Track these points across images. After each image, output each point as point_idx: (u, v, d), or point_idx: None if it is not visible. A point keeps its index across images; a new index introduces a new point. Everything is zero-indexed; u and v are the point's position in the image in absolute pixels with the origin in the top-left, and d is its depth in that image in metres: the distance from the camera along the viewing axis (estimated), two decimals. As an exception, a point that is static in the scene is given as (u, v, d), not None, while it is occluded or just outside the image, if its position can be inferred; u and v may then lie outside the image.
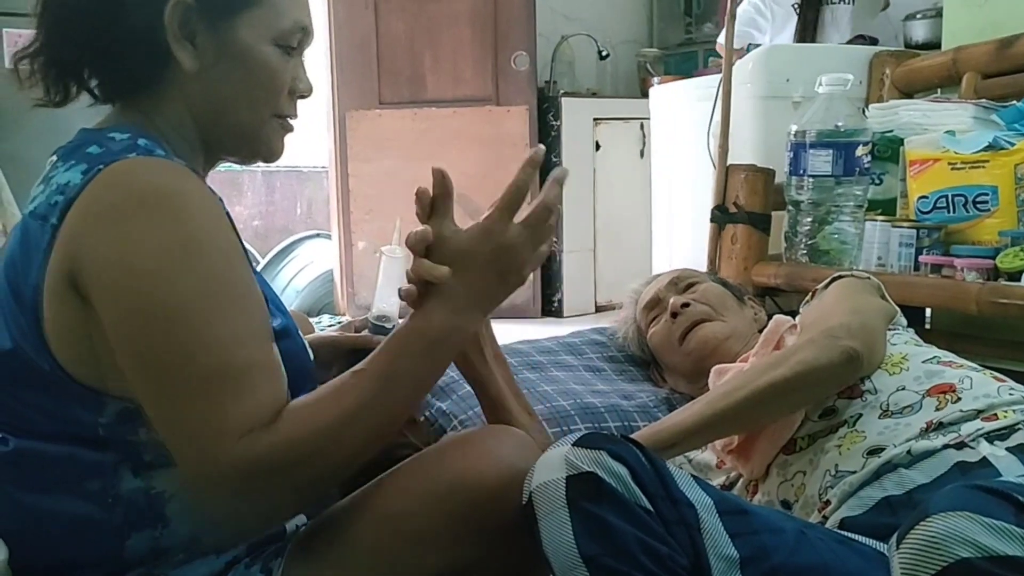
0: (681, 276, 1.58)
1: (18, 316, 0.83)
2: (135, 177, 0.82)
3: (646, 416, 1.46)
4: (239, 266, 0.84)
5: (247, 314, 0.82)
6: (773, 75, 2.19)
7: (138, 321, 0.78)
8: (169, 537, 0.85)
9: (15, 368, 0.83)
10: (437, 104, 4.06)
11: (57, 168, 0.86)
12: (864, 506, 1.02)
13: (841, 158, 1.80)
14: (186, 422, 0.78)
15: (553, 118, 4.09)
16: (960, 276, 1.57)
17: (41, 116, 1.00)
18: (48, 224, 0.81)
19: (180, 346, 0.78)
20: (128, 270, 0.78)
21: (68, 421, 0.83)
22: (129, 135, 0.87)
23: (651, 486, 0.84)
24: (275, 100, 0.94)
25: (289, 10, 0.92)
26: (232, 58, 0.90)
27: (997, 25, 1.95)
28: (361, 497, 0.92)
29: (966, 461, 0.99)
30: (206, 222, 0.82)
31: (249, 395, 0.78)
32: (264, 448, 0.76)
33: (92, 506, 0.83)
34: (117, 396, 0.82)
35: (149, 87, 0.90)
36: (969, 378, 1.12)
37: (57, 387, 0.82)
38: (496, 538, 0.87)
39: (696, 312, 1.48)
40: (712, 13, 4.57)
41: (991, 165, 1.63)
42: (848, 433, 1.11)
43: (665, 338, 1.52)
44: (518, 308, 4.07)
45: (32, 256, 0.82)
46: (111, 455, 0.84)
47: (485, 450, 0.90)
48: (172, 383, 0.78)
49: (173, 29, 0.87)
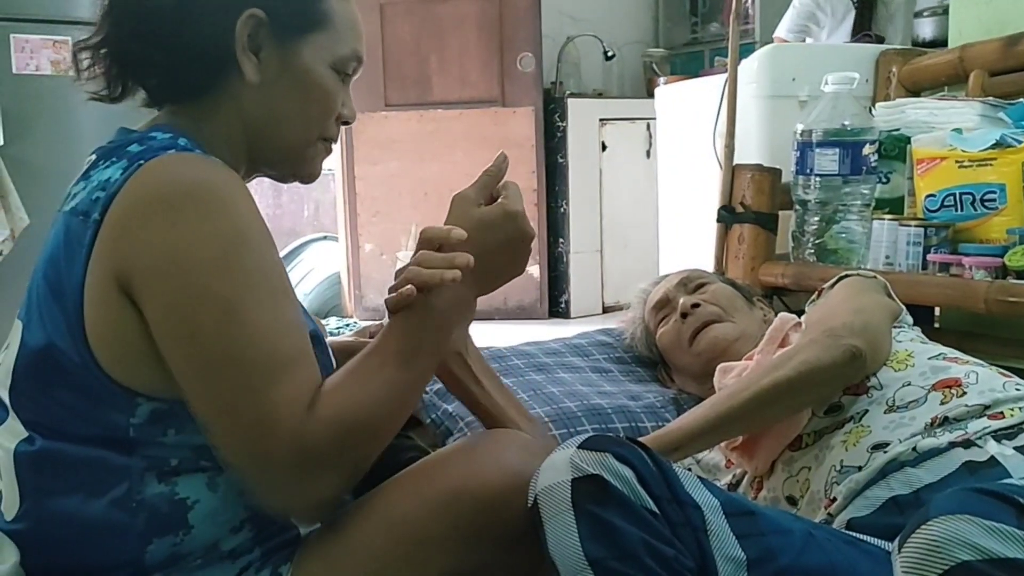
0: (690, 276, 1.58)
1: (55, 314, 0.83)
2: (177, 171, 0.84)
3: (653, 417, 1.46)
4: (277, 258, 0.87)
5: (287, 304, 0.85)
6: (779, 74, 2.18)
7: (189, 310, 0.80)
8: (190, 543, 0.85)
9: (48, 367, 0.84)
10: (443, 106, 4.07)
11: (97, 166, 0.87)
12: (871, 506, 1.02)
13: (848, 157, 1.80)
14: (236, 411, 0.79)
15: (559, 119, 4.09)
16: (968, 274, 1.57)
17: (49, 121, 1.01)
18: (90, 220, 0.83)
19: (231, 335, 0.80)
20: (181, 259, 0.80)
21: (98, 422, 0.84)
22: (171, 135, 0.89)
23: (656, 488, 0.84)
24: (326, 122, 0.97)
25: (349, 39, 0.96)
26: (293, 76, 0.93)
27: (1004, 22, 1.94)
28: (367, 502, 0.93)
29: (974, 461, 0.99)
30: (249, 215, 0.85)
31: (294, 381, 0.81)
32: (311, 430, 0.79)
33: (116, 511, 0.83)
34: (150, 396, 0.83)
35: (205, 93, 0.93)
36: (975, 373, 1.12)
37: (90, 386, 0.83)
38: (501, 543, 0.88)
39: (706, 313, 1.47)
40: (717, 13, 4.57)
41: (998, 163, 1.62)
42: (854, 428, 1.11)
43: (675, 339, 1.51)
44: (525, 309, 4.08)
45: (75, 253, 0.83)
46: (138, 460, 0.84)
47: (489, 455, 0.91)
48: (222, 372, 0.80)
49: (242, 40, 0.90)
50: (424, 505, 0.88)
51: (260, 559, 0.89)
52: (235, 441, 0.81)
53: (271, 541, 0.90)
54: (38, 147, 2.78)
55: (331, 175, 4.31)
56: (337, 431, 0.80)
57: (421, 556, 0.87)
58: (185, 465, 0.85)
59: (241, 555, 0.88)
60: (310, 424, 0.79)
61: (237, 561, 0.88)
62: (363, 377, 0.85)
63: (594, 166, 4.16)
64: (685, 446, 1.09)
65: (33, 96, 2.79)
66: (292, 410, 0.79)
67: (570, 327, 2.84)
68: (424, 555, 0.87)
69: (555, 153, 4.13)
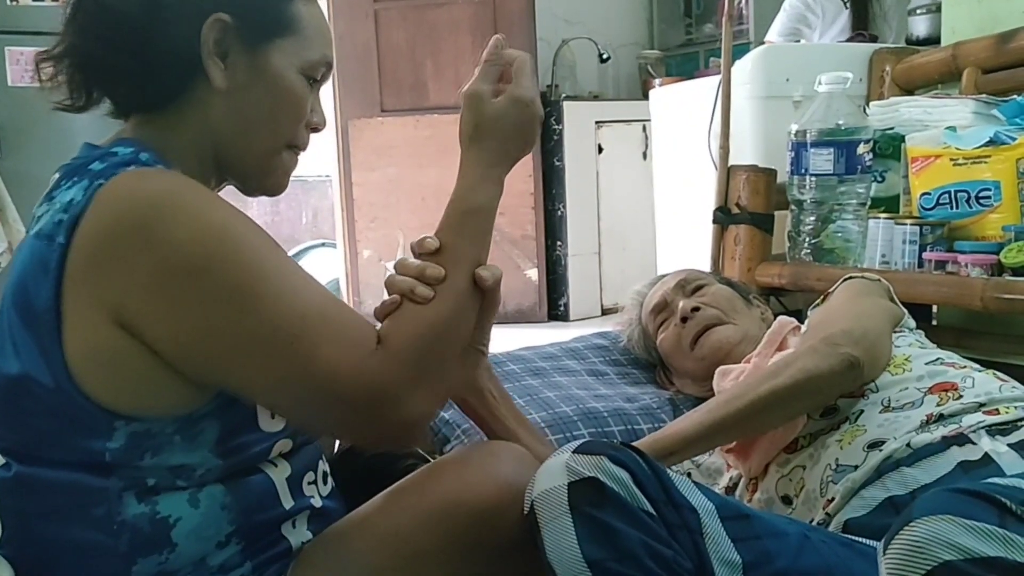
0: (688, 278, 1.57)
1: (27, 340, 0.82)
2: (136, 188, 0.82)
3: (649, 418, 1.46)
4: (267, 237, 0.85)
5: (294, 268, 0.85)
6: (773, 75, 2.19)
7: (201, 318, 0.79)
8: (176, 560, 0.84)
9: (22, 394, 0.82)
10: (439, 111, 4.07)
11: (60, 186, 0.86)
12: (868, 507, 1.02)
13: (843, 156, 1.80)
14: (297, 387, 0.80)
15: (555, 122, 4.09)
16: (964, 272, 1.57)
17: (45, 133, 1.01)
18: (55, 244, 0.81)
19: (269, 308, 0.79)
20: (168, 276, 0.79)
21: (75, 448, 0.82)
22: (132, 149, 0.87)
23: (652, 491, 0.84)
24: (295, 127, 0.96)
25: (317, 43, 0.95)
26: (262, 81, 0.91)
27: (996, 20, 1.94)
28: (361, 516, 0.92)
29: (969, 460, 0.99)
30: (222, 209, 0.83)
31: (350, 327, 0.82)
32: (387, 364, 0.80)
33: (97, 532, 0.82)
34: (132, 417, 0.81)
35: (171, 101, 0.91)
36: (971, 378, 1.13)
37: (66, 411, 0.81)
38: (496, 554, 0.88)
39: (706, 317, 1.47)
40: (712, 14, 4.57)
41: (993, 160, 1.63)
42: (849, 428, 1.11)
43: (676, 344, 1.51)
44: (524, 313, 4.08)
45: (42, 278, 0.81)
46: (115, 481, 0.83)
47: (483, 467, 0.91)
48: (265, 359, 0.79)
49: (208, 45, 0.88)
50: (418, 518, 0.87)
51: (251, 573, 0.88)
52: (315, 414, 0.82)
53: (262, 555, 0.89)
54: (34, 160, 2.78)
55: (328, 181, 4.32)
56: (409, 354, 0.82)
57: (416, 569, 0.86)
58: (163, 484, 0.84)
59: (231, 570, 0.87)
60: (381, 358, 0.80)
61: (229, 575, 0.87)
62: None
63: (591, 169, 4.16)
64: (681, 451, 1.09)
65: (28, 109, 2.80)
66: (352, 358, 0.79)
67: (569, 330, 2.84)
68: (420, 568, 0.86)
69: (552, 156, 4.13)
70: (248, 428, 0.87)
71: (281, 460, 0.91)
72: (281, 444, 0.90)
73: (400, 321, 0.85)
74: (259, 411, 0.88)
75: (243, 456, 0.87)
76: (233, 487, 0.86)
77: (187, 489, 0.84)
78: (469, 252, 0.91)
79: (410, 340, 0.83)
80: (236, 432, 0.86)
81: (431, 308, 0.86)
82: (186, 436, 0.84)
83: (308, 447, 0.95)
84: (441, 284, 0.87)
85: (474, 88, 0.97)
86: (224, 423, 0.85)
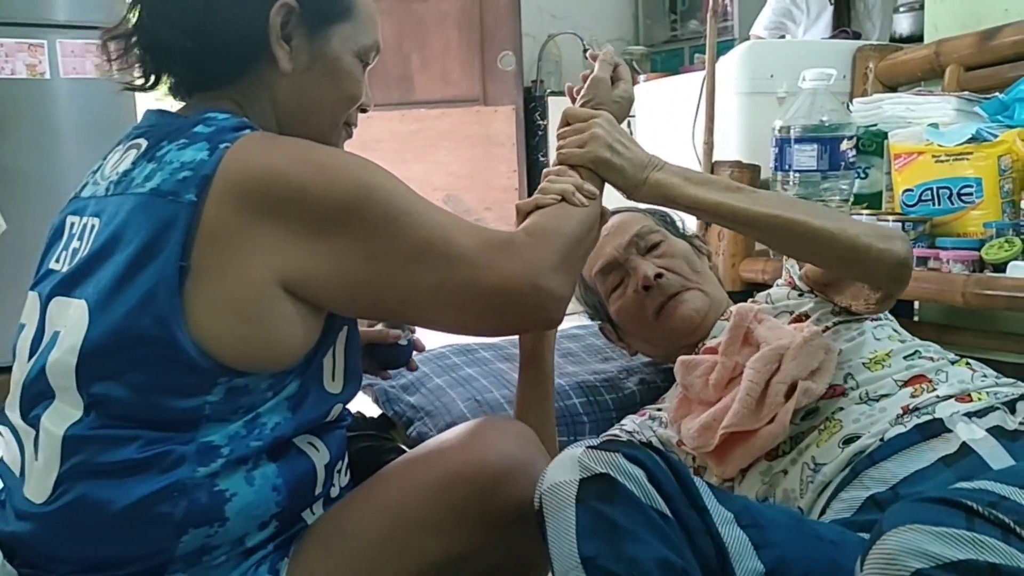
0: (640, 232, 1.38)
1: (135, 292, 0.81)
2: (272, 147, 0.87)
3: (612, 390, 1.50)
4: (401, 181, 0.93)
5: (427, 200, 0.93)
6: (757, 71, 2.20)
7: (377, 239, 0.86)
8: (222, 535, 0.84)
9: (121, 347, 0.82)
10: (426, 105, 4.06)
11: (162, 146, 0.87)
12: (851, 508, 1.01)
13: (826, 152, 1.81)
14: (466, 266, 0.88)
15: (540, 117, 4.09)
16: (946, 268, 1.58)
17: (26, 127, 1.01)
18: (182, 200, 0.82)
19: (419, 224, 0.88)
20: (334, 216, 0.85)
21: (162, 407, 0.82)
22: (229, 115, 0.90)
23: (670, 491, 0.82)
24: (350, 108, 1.01)
25: (371, 29, 1.01)
26: (322, 64, 0.96)
27: (979, 17, 1.96)
28: (365, 489, 0.94)
29: (948, 454, 0.99)
30: (353, 156, 0.90)
31: (484, 228, 0.92)
32: (537, 248, 0.92)
33: (158, 496, 0.81)
34: (238, 372, 0.84)
35: (237, 82, 0.95)
36: (944, 371, 1.13)
37: (170, 364, 0.81)
38: (497, 527, 0.89)
39: (671, 285, 1.34)
40: (697, 10, 4.57)
41: (975, 157, 1.64)
42: (827, 426, 1.10)
43: (636, 311, 1.36)
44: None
45: (165, 233, 0.82)
46: (191, 448, 0.82)
47: (485, 441, 0.92)
48: (435, 253, 0.87)
49: (275, 28, 0.92)
50: (420, 490, 0.90)
51: (272, 553, 0.88)
52: (479, 307, 0.90)
53: (281, 536, 0.90)
54: (15, 152, 2.75)
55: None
56: (556, 242, 0.94)
57: (417, 540, 0.88)
58: (235, 454, 0.84)
59: (257, 551, 0.87)
60: (524, 248, 0.91)
61: (251, 558, 0.87)
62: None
63: (576, 164, 4.16)
64: (688, 205, 1.12)
65: (8, 100, 2.76)
66: (498, 242, 0.90)
67: (557, 324, 2.83)
68: (420, 540, 0.88)
69: (536, 152, 4.13)
70: (316, 387, 0.91)
71: (321, 444, 0.93)
72: (337, 409, 0.95)
73: (553, 215, 1.00)
74: (324, 373, 0.92)
75: (308, 416, 0.90)
76: (285, 468, 0.88)
77: (247, 464, 0.85)
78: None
79: (560, 230, 0.96)
80: (307, 390, 0.90)
81: (582, 211, 1.02)
82: (275, 391, 0.87)
83: (340, 431, 0.98)
84: (591, 200, 1.04)
85: (599, 75, 1.16)
86: (302, 380, 0.90)
